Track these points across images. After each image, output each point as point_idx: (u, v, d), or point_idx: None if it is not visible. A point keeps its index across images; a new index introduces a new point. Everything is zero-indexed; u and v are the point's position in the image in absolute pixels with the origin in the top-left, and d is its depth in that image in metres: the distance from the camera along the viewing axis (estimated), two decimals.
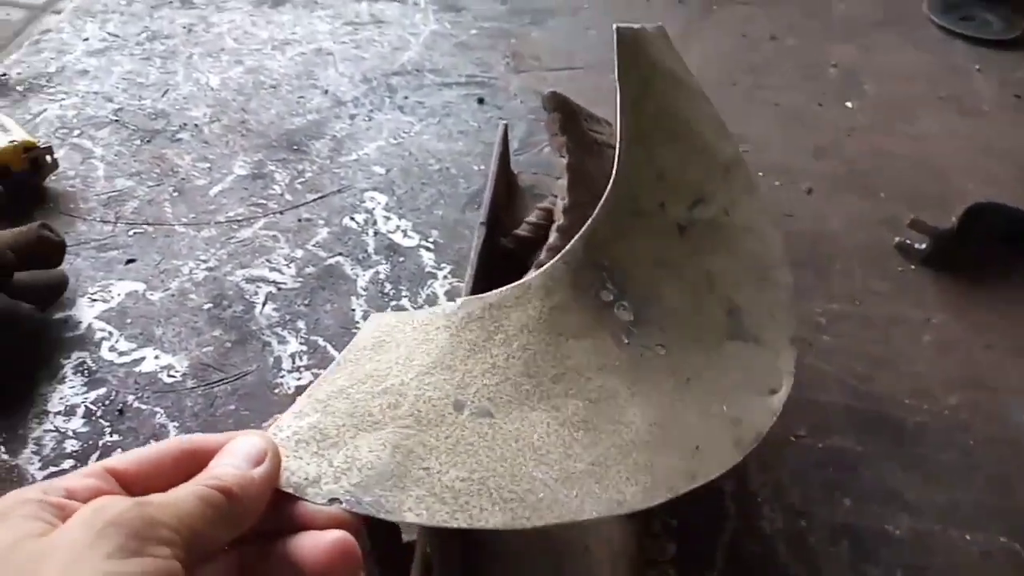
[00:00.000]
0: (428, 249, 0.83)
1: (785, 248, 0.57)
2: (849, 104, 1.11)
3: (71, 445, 0.64)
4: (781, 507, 0.63)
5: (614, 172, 0.52)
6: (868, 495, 0.64)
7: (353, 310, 0.76)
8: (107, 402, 0.67)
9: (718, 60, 1.19)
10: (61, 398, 0.67)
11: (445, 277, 0.80)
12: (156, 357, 0.71)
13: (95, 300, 0.75)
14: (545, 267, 0.49)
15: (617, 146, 0.53)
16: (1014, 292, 0.83)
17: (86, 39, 1.12)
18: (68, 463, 0.62)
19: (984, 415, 0.71)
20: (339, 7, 1.23)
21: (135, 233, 0.82)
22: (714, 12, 1.31)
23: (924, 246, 0.86)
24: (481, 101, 1.05)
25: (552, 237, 0.64)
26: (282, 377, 0.70)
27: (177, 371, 0.70)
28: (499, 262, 0.76)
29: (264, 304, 0.76)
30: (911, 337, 0.78)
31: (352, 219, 0.86)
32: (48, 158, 0.85)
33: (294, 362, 0.72)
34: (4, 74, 1.02)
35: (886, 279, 0.84)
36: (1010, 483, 0.66)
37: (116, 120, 0.97)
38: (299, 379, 0.70)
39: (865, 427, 0.69)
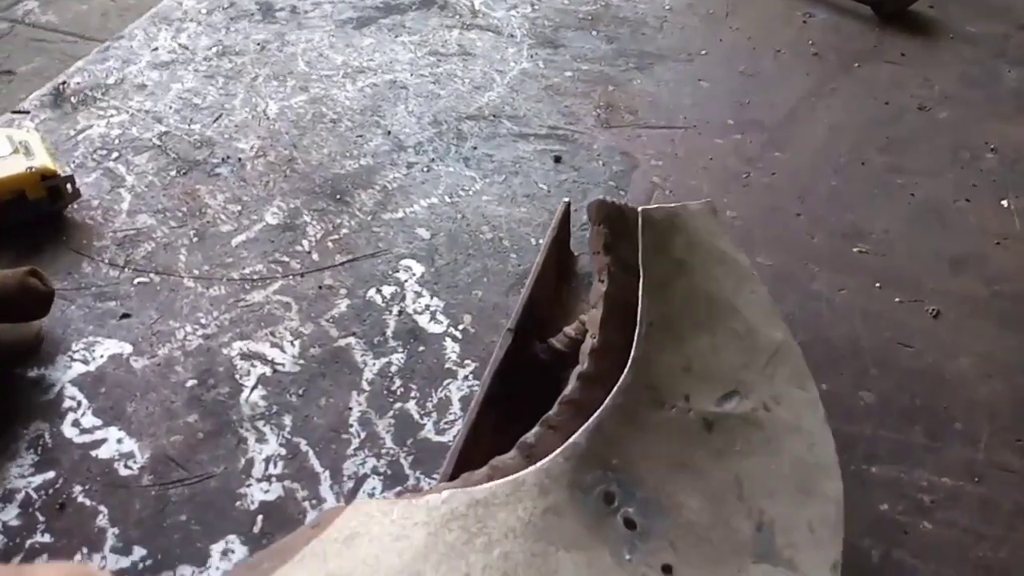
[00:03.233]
0: (455, 339, 0.71)
1: (839, 449, 0.50)
2: (1005, 203, 0.91)
3: None
4: None
5: (631, 359, 0.48)
6: None
7: (350, 408, 0.66)
8: (51, 490, 0.59)
9: (849, 130, 1.01)
10: (3, 479, 0.59)
11: (465, 378, 0.68)
12: (119, 441, 0.62)
13: (75, 360, 0.68)
14: (542, 464, 0.43)
15: (636, 332, 0.49)
16: None
17: (155, 49, 1.06)
18: None
19: None
20: (427, 34, 1.13)
21: (139, 283, 0.74)
22: (855, 71, 1.13)
23: None
24: (558, 159, 0.93)
25: (571, 386, 0.51)
26: (249, 486, 0.60)
27: (136, 462, 0.61)
28: (529, 370, 0.64)
29: (253, 388, 0.67)
30: None
31: (379, 291, 0.75)
32: (69, 187, 0.79)
33: (267, 468, 0.61)
34: (64, 83, 0.98)
35: (1021, 451, 0.66)
36: None
37: (159, 145, 0.90)
38: (267, 492, 0.60)
39: None
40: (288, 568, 0.36)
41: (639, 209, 0.56)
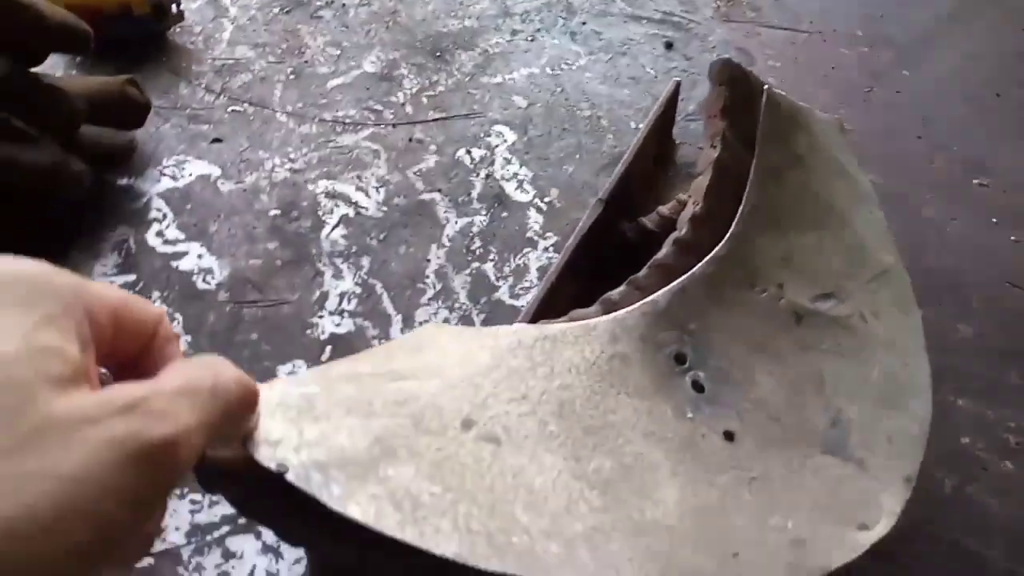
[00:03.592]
0: (539, 210, 0.69)
1: (934, 374, 0.48)
2: None
3: None
4: None
5: (729, 233, 0.46)
6: None
7: (428, 260, 0.65)
8: (131, 292, 0.60)
9: (988, 59, 0.93)
10: (86, 275, 0.60)
11: (546, 249, 0.66)
12: (199, 256, 0.63)
13: (165, 175, 0.68)
14: (616, 313, 0.42)
15: (740, 208, 0.47)
16: None
17: None
18: None
19: None
20: None
21: (233, 111, 0.74)
22: None
23: None
24: (670, 46, 0.88)
25: (665, 250, 0.49)
26: (321, 317, 0.60)
27: (214, 278, 0.62)
28: (615, 248, 0.62)
29: (335, 227, 0.66)
30: None
31: (468, 152, 0.73)
32: (173, 7, 0.78)
33: (340, 303, 0.61)
34: None
35: None
36: None
37: None
38: (338, 325, 0.60)
39: None
40: (352, 360, 0.36)
41: (765, 86, 0.52)
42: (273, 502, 0.32)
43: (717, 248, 0.45)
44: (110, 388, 0.22)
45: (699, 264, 0.44)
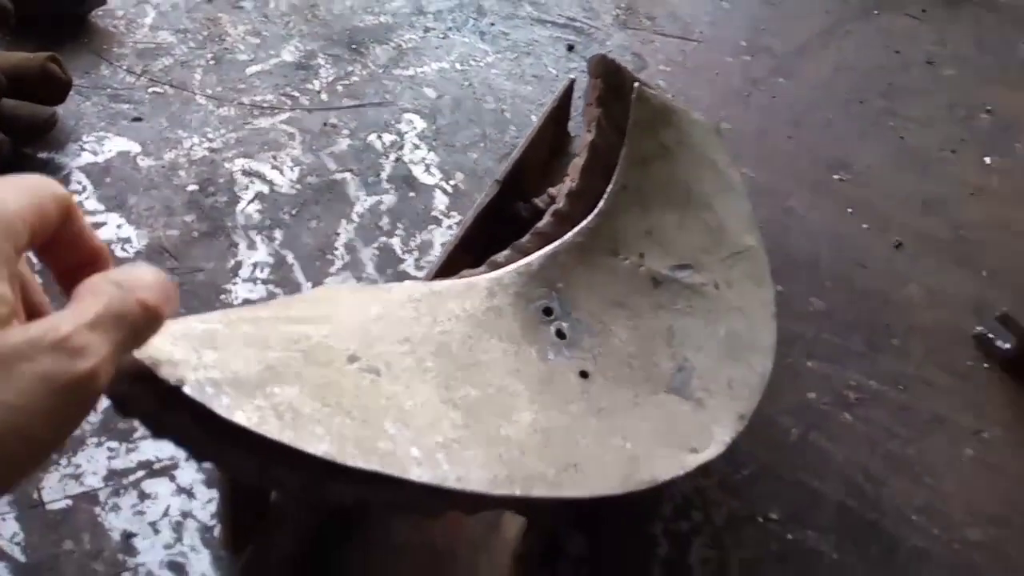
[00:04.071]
0: (445, 192, 0.75)
1: (782, 342, 0.56)
2: (988, 160, 0.95)
3: None
4: None
5: (597, 209, 0.52)
6: None
7: (338, 234, 0.70)
8: None
9: (855, 72, 1.04)
10: None
11: (450, 227, 0.73)
12: (118, 227, 0.67)
13: (85, 149, 0.71)
14: (496, 272, 0.49)
15: (609, 188, 0.53)
16: None
17: None
18: None
19: (1003, 563, 0.58)
20: None
21: (154, 92, 0.78)
22: (873, 18, 1.15)
23: (1008, 346, 0.72)
24: (571, 48, 0.95)
25: (544, 220, 0.55)
26: (235, 284, 0.65)
27: (132, 247, 0.66)
28: (509, 226, 0.68)
29: (250, 202, 0.71)
30: (950, 445, 0.65)
31: (379, 137, 0.79)
32: None
33: (254, 272, 0.66)
34: None
35: (948, 371, 0.71)
36: None
37: None
38: (251, 291, 0.65)
39: (851, 532, 0.58)
40: (254, 307, 0.41)
41: (636, 84, 0.59)
42: (178, 418, 0.36)
43: (586, 220, 0.52)
44: (39, 323, 0.26)
45: (570, 233, 0.51)
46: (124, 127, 0.74)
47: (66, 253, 0.31)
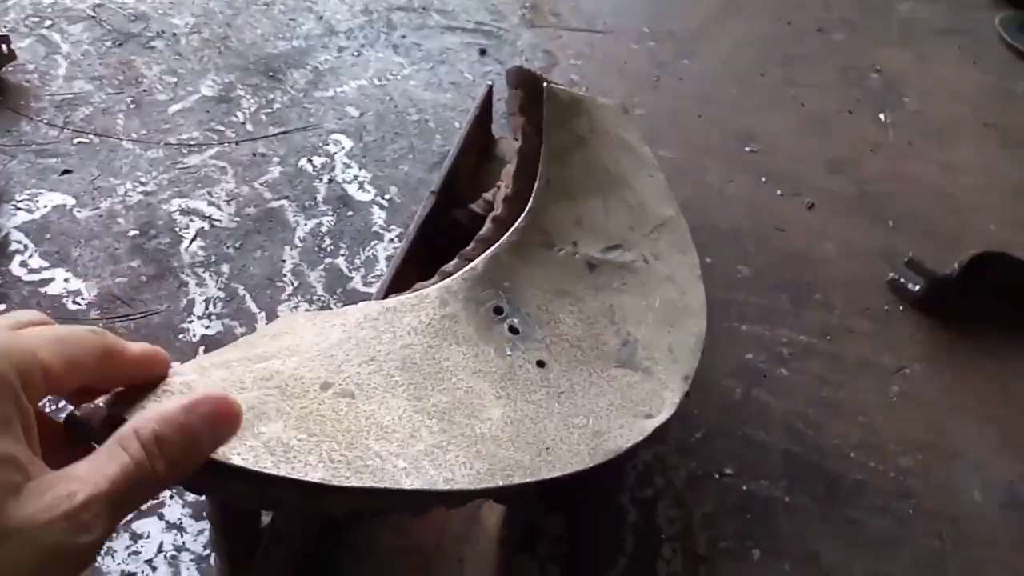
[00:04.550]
0: (381, 207, 0.78)
1: (716, 311, 0.62)
2: (882, 117, 1.02)
3: None
4: (684, 549, 0.58)
5: (527, 207, 0.56)
6: (782, 551, 0.59)
7: (283, 261, 0.72)
8: None
9: (753, 45, 1.09)
10: None
11: (391, 240, 0.75)
12: (66, 280, 0.67)
13: (19, 209, 0.72)
14: (445, 282, 0.51)
15: (535, 186, 0.57)
16: (1005, 354, 0.75)
17: None
18: None
19: (933, 484, 0.64)
20: None
21: (79, 142, 0.78)
22: None
23: (918, 288, 0.78)
24: (483, 52, 0.98)
25: (486, 227, 0.59)
26: (190, 322, 0.66)
27: (83, 299, 0.66)
28: (450, 233, 0.71)
29: (192, 240, 0.72)
30: (877, 385, 0.71)
31: (310, 161, 0.81)
32: (4, 48, 0.81)
33: (207, 308, 0.68)
34: None
35: (867, 318, 0.77)
36: (943, 564, 0.60)
37: (93, 16, 0.92)
38: (207, 327, 0.66)
39: (799, 476, 0.64)
40: (221, 351, 0.42)
41: (544, 84, 0.62)
42: None
43: (519, 220, 0.55)
44: (55, 490, 0.28)
45: (506, 234, 0.54)
46: (55, 181, 0.74)
47: (113, 382, 0.34)
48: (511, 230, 0.55)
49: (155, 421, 0.30)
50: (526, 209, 0.56)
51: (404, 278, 0.64)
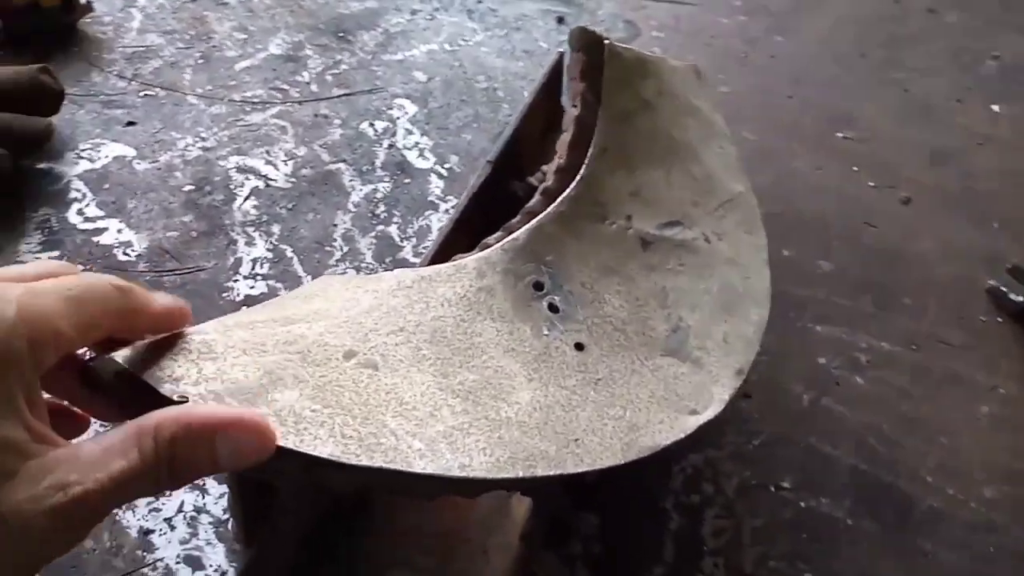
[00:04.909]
0: (440, 176, 0.75)
1: (781, 298, 0.55)
2: (996, 108, 0.92)
3: None
4: (728, 564, 0.54)
5: (579, 176, 0.51)
6: None
7: (335, 225, 0.70)
8: None
9: (855, 24, 1.01)
10: (13, 253, 0.64)
11: (447, 211, 0.72)
12: (119, 231, 0.67)
13: (82, 157, 0.72)
14: (483, 252, 0.48)
15: (589, 153, 0.52)
16: None
17: None
18: None
19: (1021, 520, 0.58)
20: None
21: (145, 95, 0.78)
22: None
23: (1021, 299, 0.70)
24: (561, 20, 0.94)
25: (534, 199, 0.55)
26: (236, 281, 0.65)
27: (134, 250, 0.66)
28: (507, 206, 0.68)
29: (246, 198, 0.71)
30: (966, 403, 0.64)
31: (372, 125, 0.78)
32: (82, 0, 0.81)
33: (254, 268, 0.66)
34: None
35: (962, 328, 0.70)
36: None
37: None
38: (252, 287, 0.65)
39: (866, 497, 0.58)
40: (248, 311, 0.40)
41: (606, 42, 0.57)
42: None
43: (568, 189, 0.51)
44: (52, 473, 0.26)
45: (554, 204, 0.50)
46: (118, 132, 0.74)
47: (133, 336, 0.33)
48: (559, 199, 0.51)
49: (179, 426, 0.28)
50: (577, 177, 0.52)
51: (451, 249, 0.60)
